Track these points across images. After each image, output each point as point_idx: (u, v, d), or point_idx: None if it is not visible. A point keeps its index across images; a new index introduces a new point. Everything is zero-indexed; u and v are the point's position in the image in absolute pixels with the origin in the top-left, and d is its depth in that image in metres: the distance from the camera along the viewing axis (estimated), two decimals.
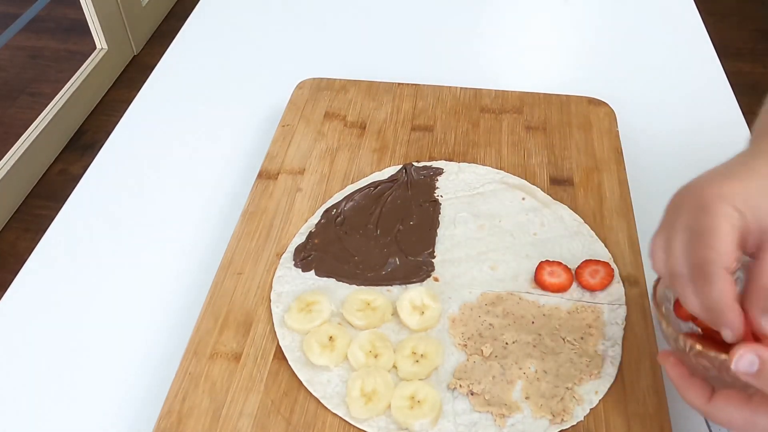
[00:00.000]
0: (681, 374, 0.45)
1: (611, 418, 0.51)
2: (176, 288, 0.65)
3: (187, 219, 0.71)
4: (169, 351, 0.59)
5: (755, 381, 0.39)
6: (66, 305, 0.64)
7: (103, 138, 0.80)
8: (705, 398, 0.43)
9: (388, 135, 0.75)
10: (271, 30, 0.98)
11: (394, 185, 0.69)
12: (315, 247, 0.63)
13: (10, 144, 1.91)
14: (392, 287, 0.60)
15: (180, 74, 0.91)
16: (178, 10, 2.58)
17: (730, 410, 0.42)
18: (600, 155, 0.71)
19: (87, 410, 0.56)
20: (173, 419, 0.52)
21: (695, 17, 0.98)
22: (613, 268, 0.60)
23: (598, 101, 0.78)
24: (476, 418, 0.51)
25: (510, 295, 0.59)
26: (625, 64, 0.90)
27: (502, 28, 0.99)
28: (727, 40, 0.76)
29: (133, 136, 0.82)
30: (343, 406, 0.52)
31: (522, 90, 0.79)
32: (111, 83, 2.27)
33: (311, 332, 0.56)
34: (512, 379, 0.53)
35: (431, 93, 0.80)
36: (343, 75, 0.83)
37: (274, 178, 0.70)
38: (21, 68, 2.31)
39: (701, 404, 0.43)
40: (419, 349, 0.55)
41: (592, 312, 0.58)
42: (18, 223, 1.86)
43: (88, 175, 0.77)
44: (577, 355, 0.55)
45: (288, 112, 0.78)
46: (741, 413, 0.41)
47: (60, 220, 0.72)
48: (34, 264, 0.68)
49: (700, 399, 0.43)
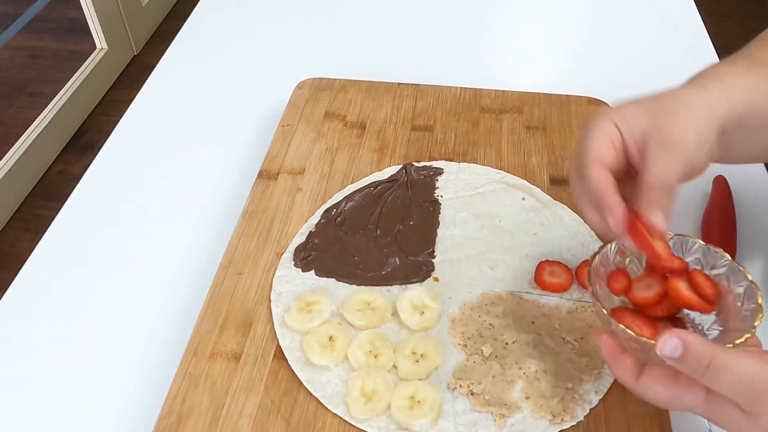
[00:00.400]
0: (612, 352, 0.46)
1: (611, 418, 0.51)
2: (176, 288, 0.65)
3: (187, 219, 0.71)
4: (169, 351, 0.59)
5: (678, 365, 0.41)
6: (66, 305, 0.64)
7: (103, 138, 0.80)
8: (634, 375, 0.45)
9: (388, 135, 0.75)
10: (271, 30, 0.98)
11: (394, 185, 0.69)
12: (315, 247, 0.63)
13: (10, 144, 1.91)
14: (392, 287, 0.60)
15: (180, 74, 0.91)
16: (178, 10, 2.58)
17: (656, 388, 0.43)
18: None
19: (87, 410, 0.56)
20: (173, 419, 0.52)
21: (695, 17, 0.98)
22: None
23: (598, 101, 0.78)
24: (476, 418, 0.51)
25: (510, 295, 0.59)
26: (625, 64, 0.90)
27: (502, 28, 0.99)
28: (727, 40, 0.76)
29: (133, 136, 0.82)
30: (343, 406, 0.52)
31: (522, 90, 0.79)
32: (111, 83, 2.27)
33: (311, 332, 0.56)
34: (512, 379, 0.53)
35: (431, 93, 0.80)
36: (343, 75, 0.83)
37: (274, 178, 0.70)
38: (21, 68, 2.31)
39: (630, 381, 0.45)
40: (419, 349, 0.54)
41: (592, 312, 0.58)
42: (18, 223, 1.86)
43: (88, 175, 0.77)
44: (577, 355, 0.55)
45: (288, 112, 0.78)
46: (667, 390, 0.43)
47: (60, 220, 0.72)
48: (34, 264, 0.68)
49: (629, 376, 0.45)
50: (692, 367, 0.40)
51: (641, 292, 0.49)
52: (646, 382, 0.44)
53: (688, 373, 0.41)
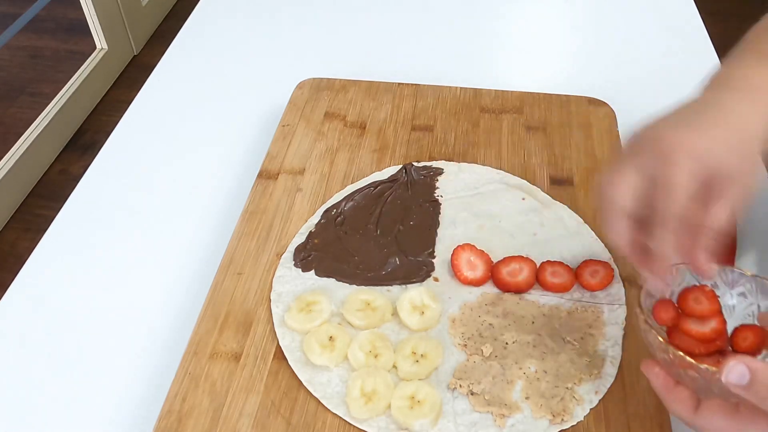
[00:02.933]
0: (666, 384, 0.44)
1: (611, 418, 0.51)
2: (176, 288, 0.65)
3: (187, 219, 0.71)
4: (169, 351, 0.59)
5: (745, 393, 0.39)
6: (66, 305, 0.64)
7: (103, 138, 0.80)
8: (691, 409, 0.43)
9: (388, 135, 0.75)
10: (271, 30, 0.98)
11: (394, 185, 0.69)
12: (315, 247, 0.63)
13: (10, 144, 1.91)
14: (392, 287, 0.60)
15: (180, 74, 0.91)
16: (178, 10, 2.58)
17: (717, 420, 0.42)
18: (600, 155, 0.71)
19: (87, 410, 0.56)
20: (173, 419, 0.52)
21: (695, 17, 0.98)
22: (613, 268, 0.60)
23: (598, 101, 0.78)
24: (476, 418, 0.51)
25: (510, 295, 0.59)
26: (625, 65, 0.90)
27: (502, 28, 0.99)
28: (727, 40, 0.75)
29: (133, 136, 0.82)
30: (343, 406, 0.52)
31: (522, 90, 0.79)
32: (111, 83, 2.27)
33: (311, 332, 0.56)
34: (512, 379, 0.53)
35: (431, 93, 0.80)
36: (343, 75, 0.83)
37: (274, 178, 0.70)
38: (21, 68, 2.31)
39: (688, 415, 0.43)
40: (419, 349, 0.54)
41: (592, 312, 0.58)
42: (18, 223, 1.86)
43: (88, 175, 0.77)
44: (577, 355, 0.55)
45: (288, 112, 0.78)
46: (728, 423, 0.41)
47: (60, 220, 0.72)
48: (34, 264, 0.68)
49: (686, 410, 0.43)
50: (761, 395, 0.38)
51: (696, 326, 0.46)
52: (705, 414, 0.42)
53: (756, 401, 0.39)
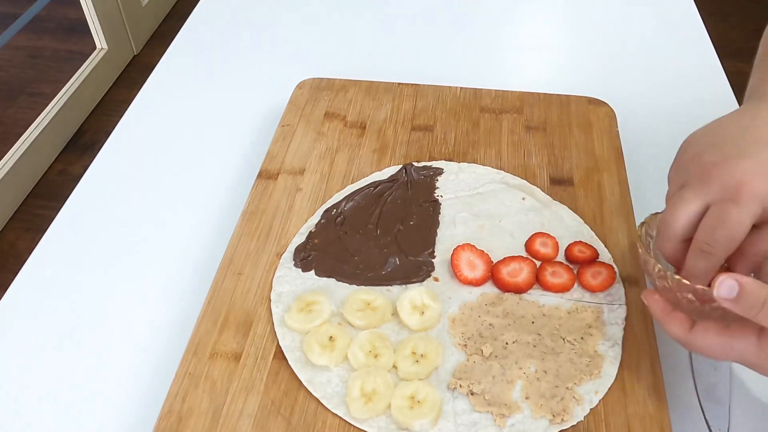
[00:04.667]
0: (664, 309, 0.48)
1: (611, 418, 0.51)
2: (176, 288, 0.65)
3: (187, 219, 0.71)
4: (169, 351, 0.59)
5: (735, 306, 0.42)
6: (66, 305, 0.64)
7: (103, 138, 0.80)
8: (687, 329, 0.47)
9: (388, 135, 0.75)
10: (271, 30, 0.98)
11: (394, 185, 0.69)
12: (315, 247, 0.63)
13: (10, 144, 1.91)
14: (392, 287, 0.60)
15: (180, 74, 0.91)
16: (178, 10, 2.58)
17: (710, 337, 0.46)
18: (600, 155, 0.71)
19: (87, 410, 0.56)
20: (173, 419, 0.52)
21: (695, 17, 0.98)
22: (615, 270, 0.60)
23: (598, 101, 0.78)
24: (476, 418, 0.51)
25: (510, 295, 0.59)
26: (625, 64, 0.90)
27: (502, 28, 0.99)
28: (727, 40, 0.76)
29: (133, 136, 0.82)
30: (343, 406, 0.52)
31: (522, 90, 0.79)
32: (111, 83, 2.27)
33: (311, 332, 0.56)
34: (512, 379, 0.53)
35: (431, 93, 0.80)
36: (343, 75, 0.83)
37: (274, 178, 0.70)
38: (21, 68, 2.31)
39: (682, 334, 0.47)
40: (419, 349, 0.54)
41: (592, 312, 0.58)
42: (18, 223, 1.86)
43: (88, 175, 0.77)
44: (577, 355, 0.55)
45: (288, 112, 0.78)
46: (720, 339, 0.45)
47: (60, 220, 0.72)
48: (34, 264, 0.68)
49: (681, 330, 0.47)
50: (749, 305, 0.42)
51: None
52: (699, 333, 0.46)
53: (744, 313, 0.42)
